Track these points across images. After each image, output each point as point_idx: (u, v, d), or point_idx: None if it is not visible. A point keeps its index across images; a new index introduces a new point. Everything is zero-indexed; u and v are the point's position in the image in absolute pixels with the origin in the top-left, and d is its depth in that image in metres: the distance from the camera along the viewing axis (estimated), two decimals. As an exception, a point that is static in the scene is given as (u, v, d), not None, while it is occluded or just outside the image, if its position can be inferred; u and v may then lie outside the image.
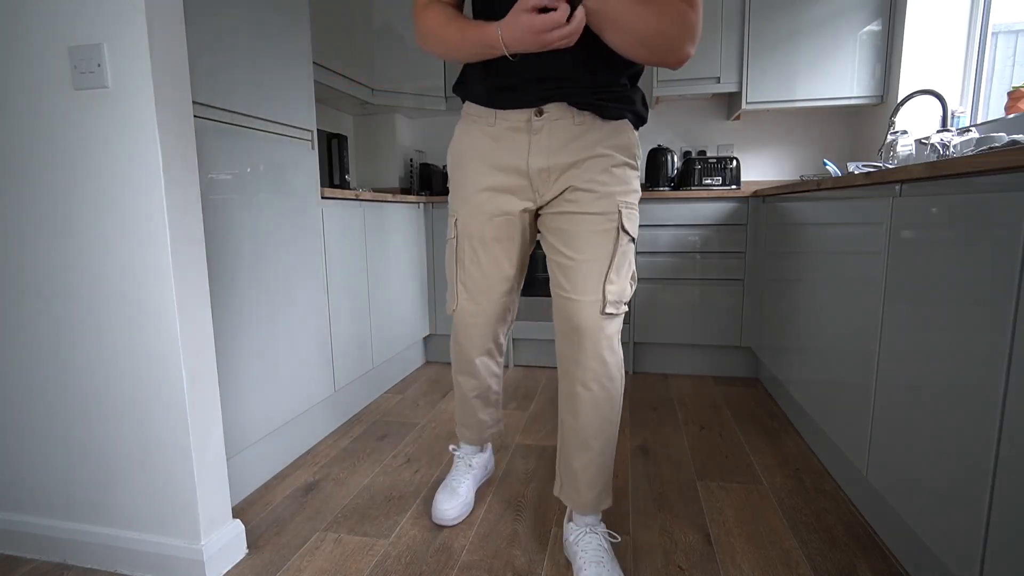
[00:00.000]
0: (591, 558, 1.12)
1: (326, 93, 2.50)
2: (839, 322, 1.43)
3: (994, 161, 0.80)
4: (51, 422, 1.21)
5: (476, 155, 1.12)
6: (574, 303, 1.07)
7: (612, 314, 1.08)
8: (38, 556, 1.26)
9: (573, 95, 1.02)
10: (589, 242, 1.06)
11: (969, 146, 1.63)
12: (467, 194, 1.15)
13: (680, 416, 2.08)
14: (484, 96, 1.08)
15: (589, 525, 1.19)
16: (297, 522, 1.39)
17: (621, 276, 1.08)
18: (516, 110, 1.05)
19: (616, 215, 1.07)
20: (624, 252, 1.08)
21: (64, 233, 1.12)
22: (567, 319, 1.10)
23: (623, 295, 1.09)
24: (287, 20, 1.65)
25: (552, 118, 1.04)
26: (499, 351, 1.36)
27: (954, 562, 0.91)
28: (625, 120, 1.08)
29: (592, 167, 1.06)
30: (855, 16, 2.42)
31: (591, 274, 1.06)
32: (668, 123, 3.00)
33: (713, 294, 2.48)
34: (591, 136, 1.05)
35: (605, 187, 1.06)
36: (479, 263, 1.18)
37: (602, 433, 1.14)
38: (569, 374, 1.13)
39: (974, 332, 0.86)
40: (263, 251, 1.55)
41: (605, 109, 1.03)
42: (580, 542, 1.17)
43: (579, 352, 1.09)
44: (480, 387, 1.38)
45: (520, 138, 1.06)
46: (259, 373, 1.55)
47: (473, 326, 1.26)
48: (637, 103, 1.09)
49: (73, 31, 1.04)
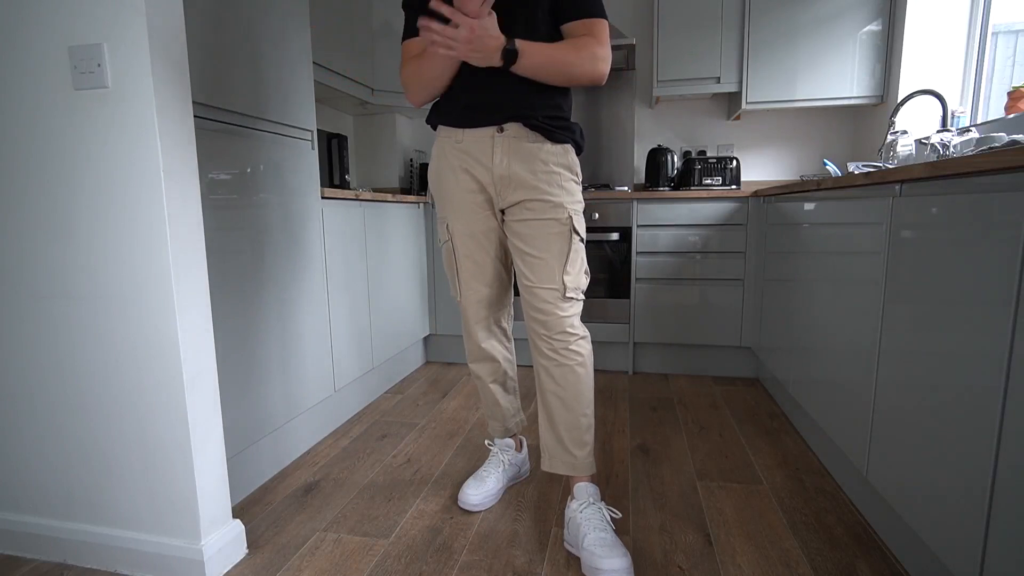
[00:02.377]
0: (596, 525, 1.21)
1: (326, 93, 2.50)
2: (839, 322, 1.43)
3: (994, 161, 0.80)
4: (51, 422, 1.21)
5: (452, 167, 1.31)
6: (539, 290, 1.28)
7: (571, 298, 1.29)
8: (38, 556, 1.26)
9: (527, 118, 1.23)
10: (548, 242, 1.27)
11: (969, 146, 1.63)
12: (451, 199, 1.33)
13: (680, 416, 2.08)
14: (454, 118, 1.29)
15: (591, 496, 1.27)
16: (297, 522, 1.39)
17: (575, 269, 1.29)
18: (481, 128, 1.26)
19: (568, 220, 1.27)
20: (576, 250, 1.29)
21: (64, 233, 1.12)
22: (533, 304, 1.29)
23: (579, 284, 1.30)
24: (287, 20, 1.65)
25: (511, 135, 1.25)
26: (505, 336, 1.51)
27: (954, 562, 0.91)
28: (568, 144, 1.30)
29: (545, 181, 1.26)
30: (855, 16, 2.42)
31: (551, 268, 1.27)
32: (668, 123, 3.00)
33: (713, 294, 2.48)
34: (543, 154, 1.26)
35: (557, 198, 1.26)
36: (472, 254, 1.36)
37: (580, 395, 1.30)
38: (541, 349, 1.31)
39: (974, 332, 0.86)
40: (263, 251, 1.55)
41: (552, 133, 1.25)
42: (584, 511, 1.24)
43: (547, 329, 1.28)
44: (495, 371, 1.49)
45: (485, 148, 1.27)
46: (259, 373, 1.55)
47: (477, 309, 1.41)
48: (576, 133, 1.32)
49: (73, 31, 1.04)
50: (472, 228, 1.33)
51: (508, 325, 1.51)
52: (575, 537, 1.22)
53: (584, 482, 1.31)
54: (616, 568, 1.11)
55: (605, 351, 2.68)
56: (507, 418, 1.55)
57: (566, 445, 1.31)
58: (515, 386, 1.56)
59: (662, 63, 2.67)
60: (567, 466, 1.32)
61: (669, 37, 2.64)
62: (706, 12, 2.59)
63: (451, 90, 1.28)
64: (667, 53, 2.65)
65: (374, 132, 3.09)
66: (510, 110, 1.23)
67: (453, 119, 1.29)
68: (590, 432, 1.33)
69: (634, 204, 2.50)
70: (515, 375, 1.55)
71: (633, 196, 2.49)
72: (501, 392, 1.52)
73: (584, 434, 1.31)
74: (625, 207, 2.51)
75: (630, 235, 2.52)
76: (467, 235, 1.34)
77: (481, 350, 1.46)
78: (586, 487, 1.30)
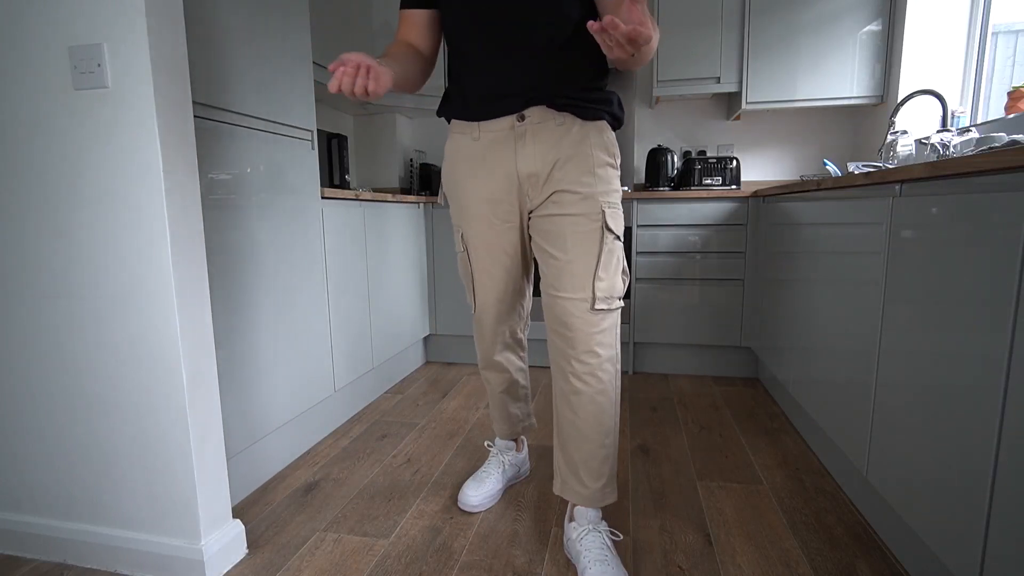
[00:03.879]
0: (595, 556, 1.12)
1: (326, 93, 2.50)
2: (839, 322, 1.43)
3: (994, 161, 0.80)
4: (51, 422, 1.21)
5: (468, 169, 1.17)
6: (563, 300, 1.12)
7: (603, 309, 1.11)
8: (38, 556, 1.26)
9: (552, 98, 1.07)
10: (576, 242, 1.10)
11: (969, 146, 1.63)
12: (466, 205, 1.21)
13: (680, 416, 2.08)
14: (467, 110, 1.14)
15: (591, 523, 1.19)
16: (297, 522, 1.39)
17: (610, 273, 1.11)
18: (498, 119, 1.10)
19: (600, 215, 1.10)
20: (611, 250, 1.12)
21: (64, 233, 1.12)
22: (557, 316, 1.14)
23: (614, 290, 1.12)
24: (287, 20, 1.65)
25: (534, 121, 1.09)
26: (520, 346, 1.43)
27: (954, 562, 0.91)
28: (603, 121, 1.13)
29: (575, 168, 1.09)
30: (855, 16, 2.42)
31: (579, 272, 1.10)
32: (668, 123, 3.00)
33: (713, 294, 2.48)
34: (573, 136, 1.09)
35: (588, 188, 1.10)
36: (486, 268, 1.25)
37: (601, 425, 1.16)
38: (562, 370, 1.17)
39: (974, 332, 0.86)
40: (263, 251, 1.55)
41: (584, 110, 1.08)
42: (583, 540, 1.17)
43: (570, 347, 1.13)
44: (505, 381, 1.43)
45: (507, 145, 1.11)
46: (259, 373, 1.55)
47: (488, 324, 1.33)
48: (614, 105, 1.13)
49: (73, 31, 1.04)
50: (487, 239, 1.21)
51: (523, 335, 1.42)
52: (575, 558, 1.17)
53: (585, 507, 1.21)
54: None
55: (605, 351, 2.67)
56: (516, 423, 1.51)
57: (580, 476, 1.18)
58: (527, 393, 1.51)
59: (662, 63, 2.67)
60: (580, 497, 1.19)
61: (669, 37, 2.64)
62: (706, 12, 2.59)
63: (461, 78, 1.13)
64: (667, 53, 2.65)
65: (374, 132, 3.09)
66: (531, 92, 1.07)
67: (467, 111, 1.14)
68: (607, 463, 1.18)
69: (634, 204, 2.50)
70: (527, 383, 1.50)
71: (633, 196, 2.49)
72: (511, 401, 1.47)
73: (600, 465, 1.17)
74: (625, 207, 2.51)
75: (630, 235, 2.52)
76: (481, 246, 1.22)
77: (494, 361, 1.39)
78: (587, 512, 1.20)
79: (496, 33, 1.05)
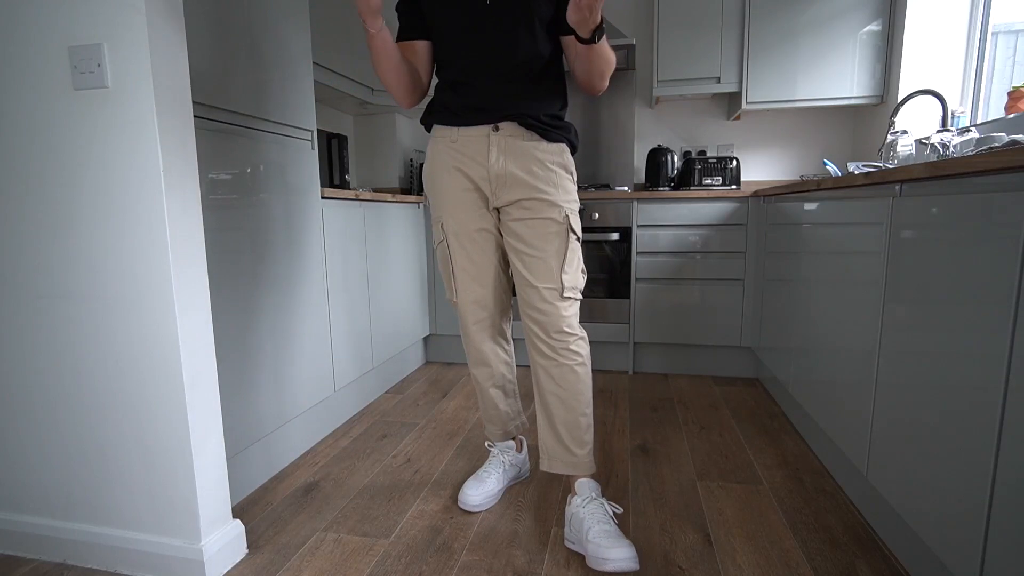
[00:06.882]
0: (599, 518, 1.21)
1: (326, 93, 2.50)
2: (839, 322, 1.43)
3: (994, 161, 0.80)
4: (51, 422, 1.21)
5: (447, 166, 1.31)
6: (538, 289, 1.27)
7: (569, 297, 1.28)
8: (38, 556, 1.26)
9: (523, 117, 1.24)
10: (545, 241, 1.27)
11: (969, 146, 1.63)
12: (447, 198, 1.33)
13: (680, 416, 2.08)
14: (451, 117, 1.29)
15: (593, 491, 1.28)
16: (297, 522, 1.39)
17: (573, 268, 1.29)
18: (477, 126, 1.26)
19: (565, 218, 1.27)
20: (573, 249, 1.29)
21: (64, 233, 1.12)
22: (532, 304, 1.29)
23: (576, 283, 1.30)
24: (287, 20, 1.65)
25: (507, 134, 1.26)
26: (505, 339, 1.50)
27: (954, 562, 0.91)
28: (564, 144, 1.31)
29: (542, 180, 1.26)
30: (855, 16, 2.42)
31: (549, 266, 1.27)
32: (668, 123, 3.01)
33: (713, 294, 2.48)
34: (539, 153, 1.27)
35: (554, 196, 1.26)
36: (468, 254, 1.35)
37: (580, 395, 1.31)
38: (540, 350, 1.31)
39: (974, 332, 0.86)
40: (263, 251, 1.55)
41: (548, 132, 1.26)
42: (587, 507, 1.24)
43: (545, 329, 1.28)
44: (494, 375, 1.48)
45: (480, 146, 1.27)
46: (259, 373, 1.55)
47: (474, 311, 1.40)
48: (571, 133, 1.33)
49: (73, 31, 1.04)
50: (467, 226, 1.33)
51: (507, 328, 1.49)
52: (578, 532, 1.22)
53: (586, 479, 1.32)
54: (623, 557, 1.12)
55: (605, 351, 2.68)
56: (507, 422, 1.53)
57: (566, 444, 1.31)
58: (515, 389, 1.55)
59: (662, 63, 2.67)
60: (568, 465, 1.32)
61: (669, 37, 2.64)
62: (706, 12, 2.59)
63: (445, 93, 1.29)
64: (667, 53, 2.65)
65: (374, 132, 3.09)
66: (506, 110, 1.24)
67: (448, 118, 1.29)
68: (589, 432, 1.34)
69: (634, 204, 2.50)
70: (515, 378, 1.54)
71: (633, 196, 2.49)
72: (501, 396, 1.51)
73: (584, 433, 1.32)
74: (625, 207, 2.51)
75: (630, 235, 2.52)
76: (462, 233, 1.33)
77: (480, 353, 1.44)
78: (588, 483, 1.31)
79: (480, 61, 1.23)
